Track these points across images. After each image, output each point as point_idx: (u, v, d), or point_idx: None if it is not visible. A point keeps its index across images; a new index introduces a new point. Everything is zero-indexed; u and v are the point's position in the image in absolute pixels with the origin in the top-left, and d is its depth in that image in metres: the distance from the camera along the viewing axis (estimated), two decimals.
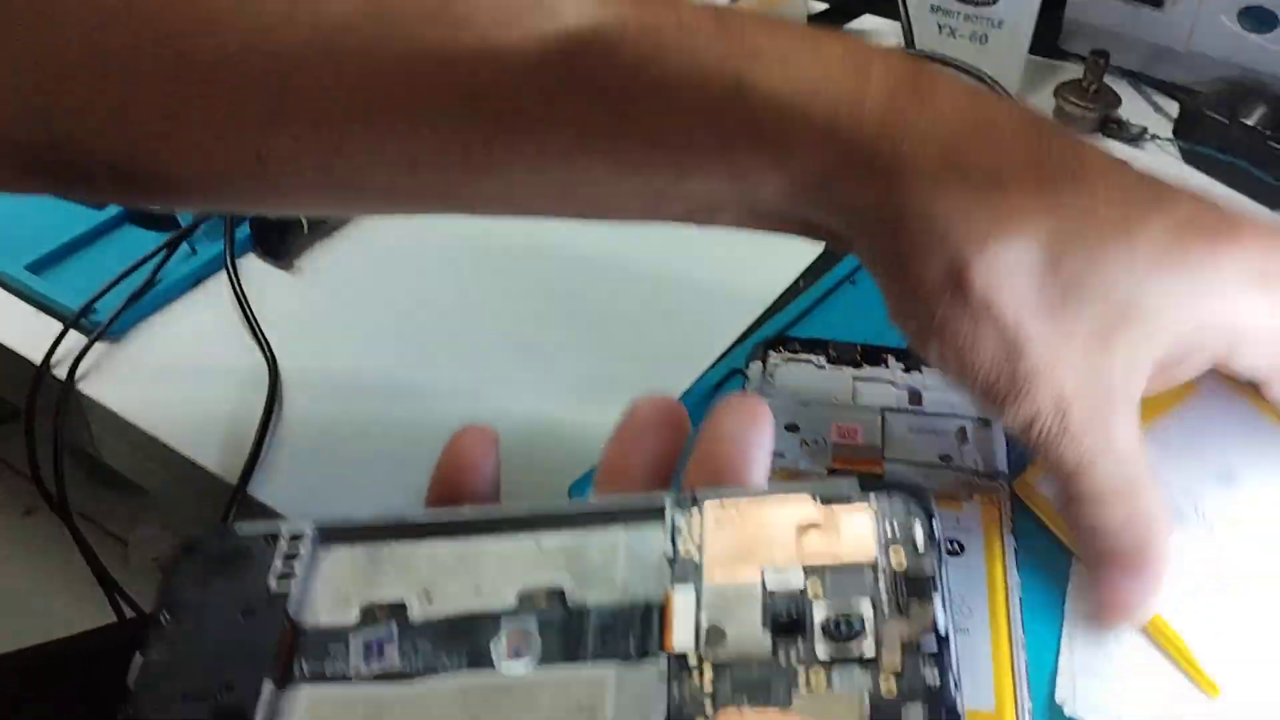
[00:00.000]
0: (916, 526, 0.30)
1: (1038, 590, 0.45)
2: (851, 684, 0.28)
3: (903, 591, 0.29)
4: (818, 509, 0.30)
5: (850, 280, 0.59)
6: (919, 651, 0.28)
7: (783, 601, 0.29)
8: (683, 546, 0.31)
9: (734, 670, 0.28)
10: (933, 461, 0.48)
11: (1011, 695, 0.40)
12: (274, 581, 0.33)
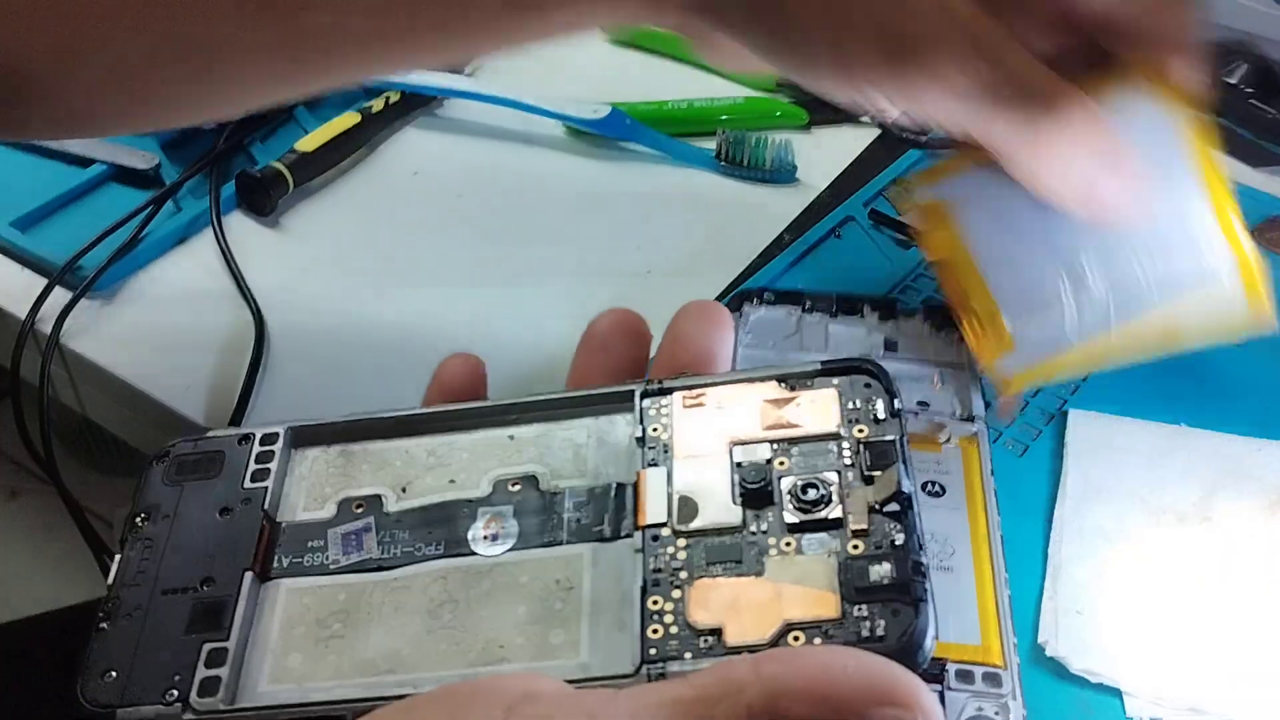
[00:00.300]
0: (877, 400, 0.31)
1: (1019, 532, 0.45)
2: (820, 547, 0.28)
3: (866, 460, 0.30)
4: (782, 390, 0.31)
5: (835, 234, 0.60)
6: (884, 513, 0.28)
7: (750, 472, 0.30)
8: (651, 429, 0.32)
9: (706, 541, 0.29)
10: (910, 407, 0.48)
11: (997, 631, 0.40)
12: (249, 481, 0.33)
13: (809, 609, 0.27)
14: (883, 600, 0.27)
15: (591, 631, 0.29)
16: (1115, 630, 0.42)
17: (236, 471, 0.34)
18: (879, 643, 0.26)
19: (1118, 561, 0.44)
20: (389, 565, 0.32)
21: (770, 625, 0.27)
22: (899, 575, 0.27)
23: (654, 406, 0.32)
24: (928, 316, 0.52)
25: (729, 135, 0.66)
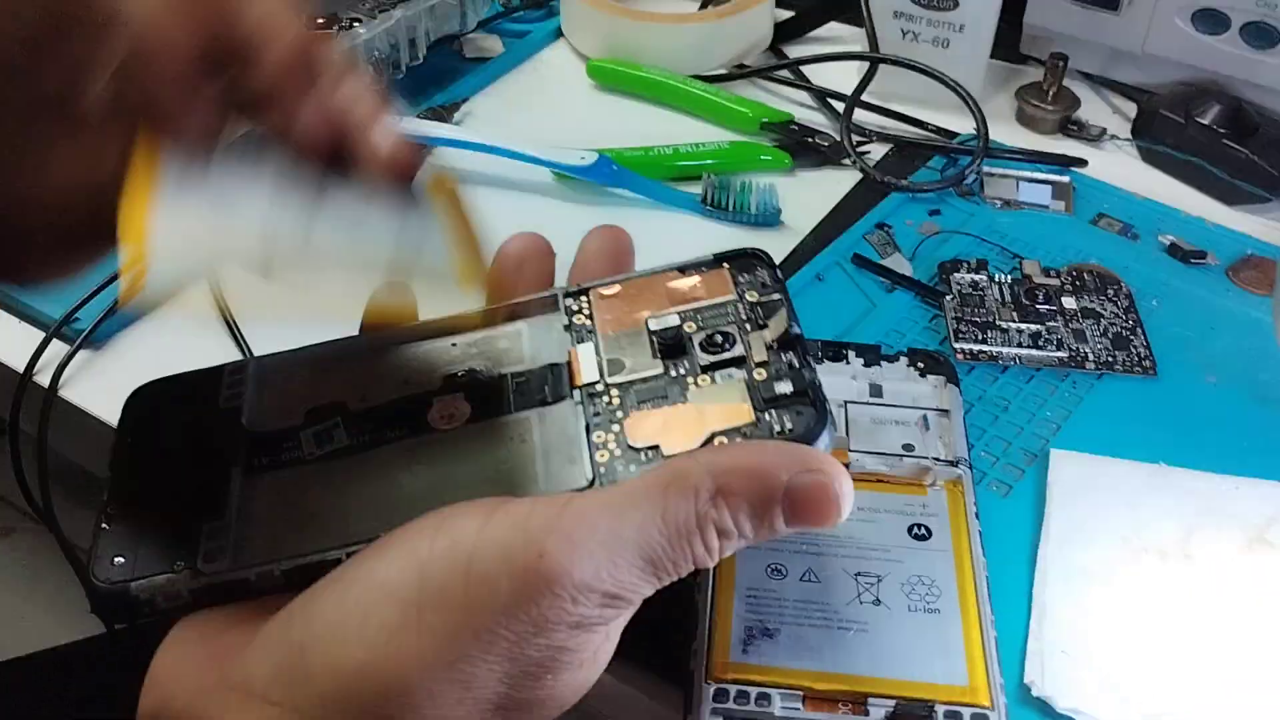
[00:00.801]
0: (763, 272, 0.38)
1: (1004, 573, 0.46)
2: (731, 379, 0.35)
3: (759, 315, 0.36)
4: (683, 277, 0.38)
5: (818, 278, 0.61)
6: (779, 349, 0.35)
7: (665, 333, 0.36)
8: (576, 319, 0.38)
9: (635, 387, 0.35)
10: (896, 450, 0.49)
11: (984, 671, 0.41)
12: (224, 404, 0.38)
13: (728, 420, 0.33)
14: (787, 405, 0.33)
15: (546, 470, 0.34)
16: (1100, 668, 0.43)
17: (212, 397, 0.38)
18: (789, 435, 0.33)
19: (1102, 600, 0.45)
20: (359, 450, 0.36)
21: (698, 436, 0.33)
22: (798, 385, 0.34)
23: (575, 304, 0.38)
24: (912, 361, 0.53)
25: (714, 180, 0.68)
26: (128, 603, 0.33)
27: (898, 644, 0.42)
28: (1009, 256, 0.62)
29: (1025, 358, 0.56)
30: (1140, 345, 0.56)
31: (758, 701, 0.40)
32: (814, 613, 0.43)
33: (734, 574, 0.44)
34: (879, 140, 0.73)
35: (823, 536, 0.45)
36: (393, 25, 0.71)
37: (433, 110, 0.74)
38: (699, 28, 0.79)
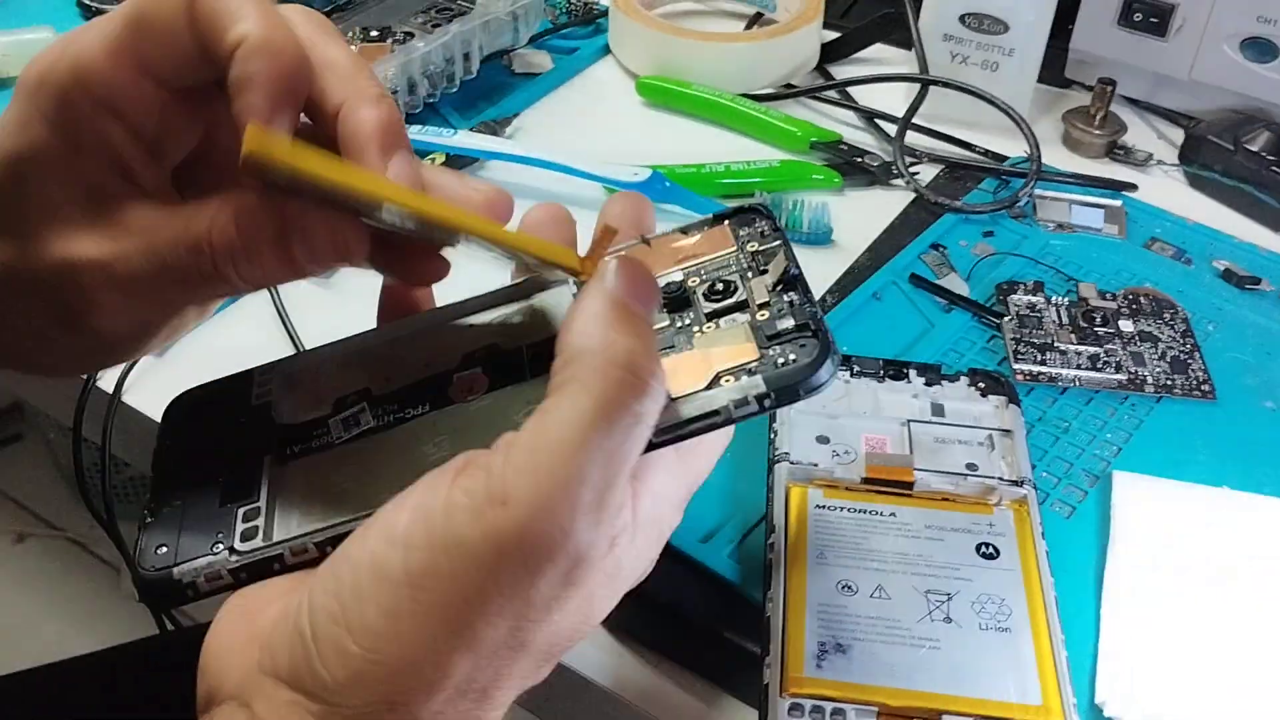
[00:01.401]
0: (762, 224, 0.38)
1: (1070, 593, 0.46)
2: (734, 323, 0.35)
3: (760, 261, 0.37)
4: (685, 237, 0.39)
5: (875, 297, 0.61)
6: (781, 290, 0.35)
7: (669, 288, 0.37)
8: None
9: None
10: (960, 470, 0.49)
11: (1056, 691, 0.41)
12: (255, 400, 0.39)
13: (733, 359, 0.34)
14: (791, 339, 0.34)
15: None
16: (1172, 690, 0.43)
17: (244, 397, 0.39)
18: (793, 365, 0.33)
19: (1170, 622, 0.45)
20: (385, 430, 0.37)
21: (704, 377, 0.34)
22: (799, 320, 0.34)
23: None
24: (973, 381, 0.53)
25: (767, 198, 0.68)
26: (172, 587, 0.34)
27: (970, 662, 0.42)
28: (1064, 279, 0.62)
29: (1084, 379, 0.56)
30: (1198, 369, 0.56)
31: (832, 716, 0.41)
32: (885, 629, 0.43)
33: (805, 590, 0.44)
34: (929, 161, 0.73)
35: (892, 554, 0.46)
36: (449, 39, 0.72)
37: (485, 124, 0.74)
38: (748, 47, 0.79)
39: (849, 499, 0.48)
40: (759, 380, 0.33)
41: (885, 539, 0.46)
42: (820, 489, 0.48)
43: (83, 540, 1.72)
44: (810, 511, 0.47)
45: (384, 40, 0.76)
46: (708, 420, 0.33)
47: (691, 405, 0.33)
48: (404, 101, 0.72)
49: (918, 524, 0.47)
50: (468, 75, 0.76)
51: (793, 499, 0.48)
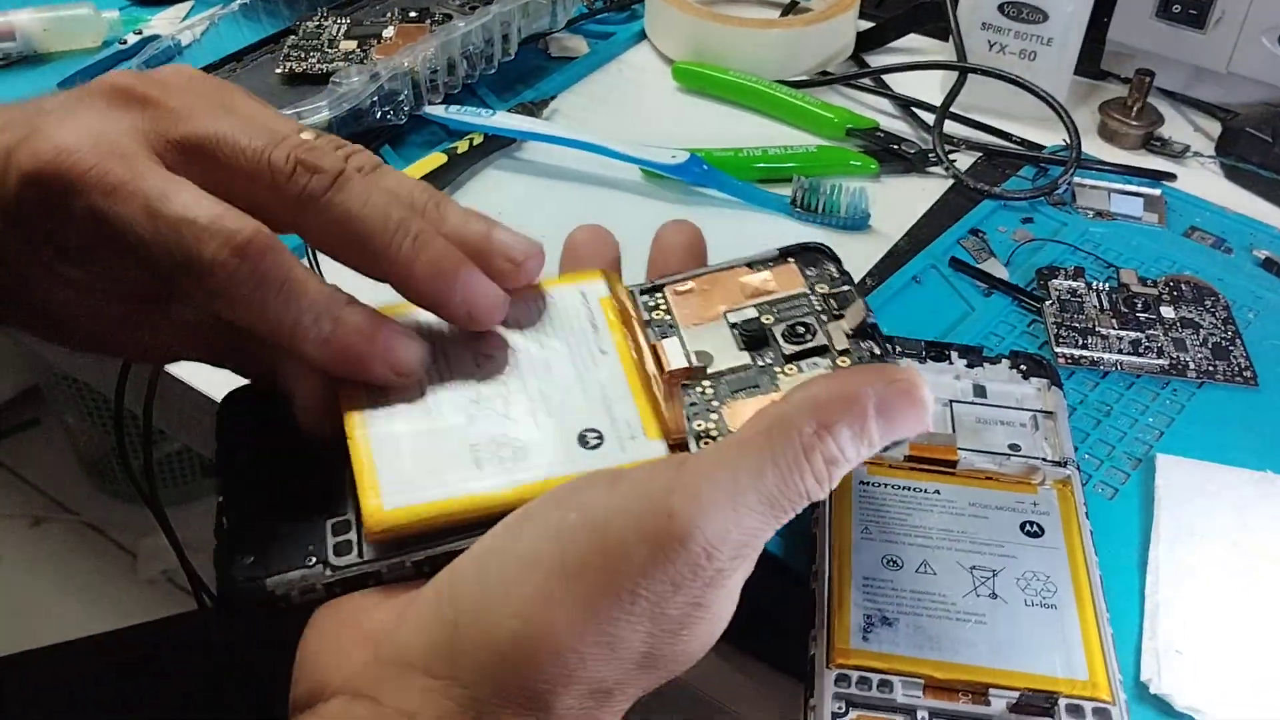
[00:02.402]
0: (829, 265, 0.39)
1: (1114, 573, 0.46)
2: (816, 366, 0.36)
3: (833, 305, 0.37)
4: (753, 272, 0.39)
5: (916, 280, 0.61)
6: (859, 337, 0.36)
7: (746, 325, 0.37)
8: (655, 314, 0.38)
9: (726, 378, 0.36)
10: (1003, 450, 0.49)
11: (1103, 666, 0.41)
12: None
13: None
14: None
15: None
16: (1217, 670, 0.43)
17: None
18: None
19: (1214, 602, 0.45)
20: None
21: None
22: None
23: (651, 300, 0.39)
24: (1014, 364, 0.53)
25: (805, 182, 0.68)
26: (265, 598, 0.34)
27: (1016, 637, 0.42)
28: (1104, 265, 0.62)
29: (1126, 364, 0.56)
30: (1240, 356, 0.56)
31: (879, 688, 0.41)
32: (931, 603, 0.43)
33: (850, 564, 0.44)
34: (966, 149, 0.73)
35: (936, 530, 0.46)
36: (489, 20, 0.72)
37: (523, 106, 0.75)
38: (785, 34, 0.80)
39: (893, 476, 0.48)
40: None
41: (930, 515, 0.46)
42: (864, 466, 0.48)
43: (98, 525, 1.73)
44: (854, 487, 0.47)
45: (422, 21, 0.76)
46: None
47: None
48: (443, 82, 0.72)
49: (961, 501, 0.47)
50: (506, 57, 0.76)
51: None
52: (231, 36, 0.76)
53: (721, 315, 0.38)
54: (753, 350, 0.37)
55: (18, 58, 0.79)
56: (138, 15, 0.83)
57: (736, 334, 0.37)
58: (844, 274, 0.38)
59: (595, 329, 0.37)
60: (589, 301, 0.38)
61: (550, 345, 0.37)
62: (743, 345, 0.37)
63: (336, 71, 0.67)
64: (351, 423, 0.36)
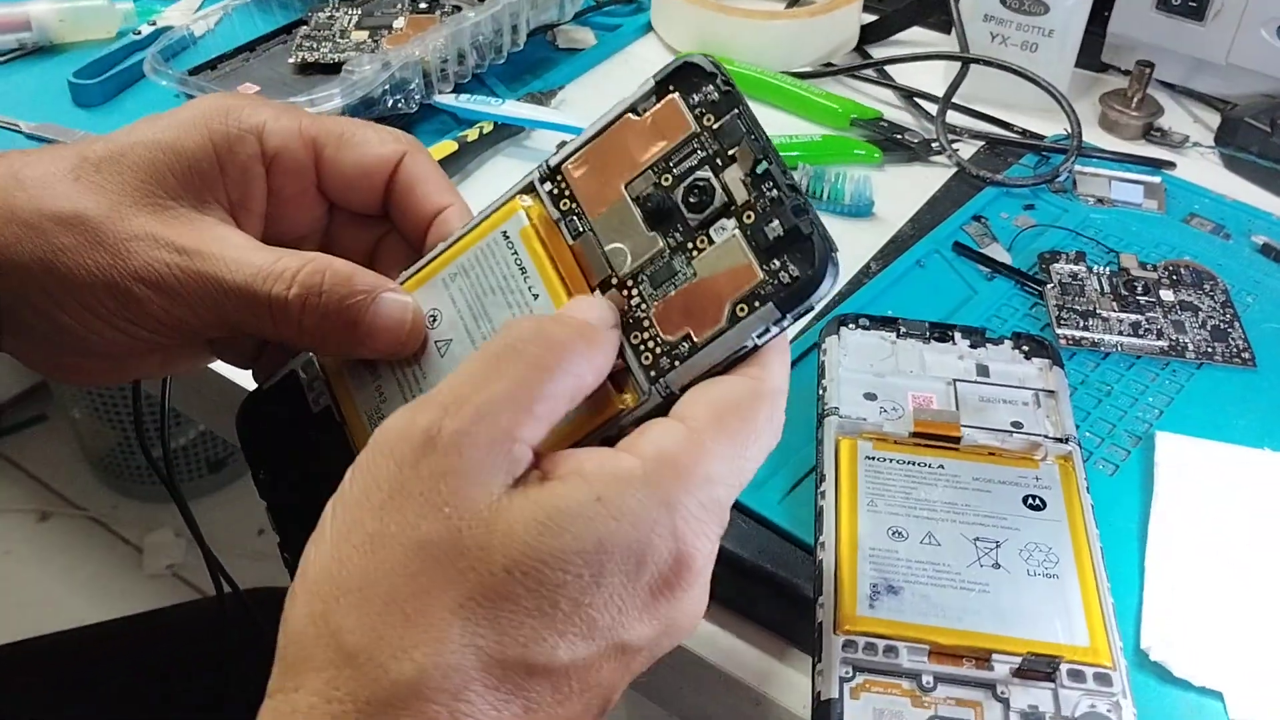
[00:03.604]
0: (708, 85, 0.36)
1: (1115, 545, 0.47)
2: (724, 231, 0.35)
3: (723, 143, 0.35)
4: (638, 118, 0.36)
5: (919, 264, 0.62)
6: (755, 179, 0.35)
7: (647, 201, 0.36)
8: (563, 206, 0.37)
9: (644, 274, 0.36)
10: (1005, 427, 0.50)
11: (1104, 633, 0.42)
12: (314, 406, 0.40)
13: (740, 285, 0.34)
14: (786, 250, 0.34)
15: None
16: (1214, 638, 0.44)
17: (301, 404, 0.40)
18: (799, 279, 0.33)
19: (1213, 575, 0.46)
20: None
21: (722, 314, 0.34)
22: (787, 224, 0.34)
23: (554, 189, 0.38)
24: (1016, 345, 0.54)
25: (810, 170, 0.69)
26: None
27: (1019, 605, 0.43)
28: (1104, 250, 0.63)
29: (1126, 345, 0.57)
30: (1238, 338, 0.57)
31: (885, 653, 0.42)
32: (936, 573, 0.44)
33: (856, 535, 0.45)
34: (968, 139, 0.75)
35: (941, 503, 0.47)
36: (498, 10, 0.73)
37: (531, 96, 0.76)
38: (790, 25, 0.81)
39: (898, 451, 0.49)
40: (772, 307, 0.33)
41: (934, 489, 0.47)
42: (870, 441, 0.49)
43: (104, 519, 1.74)
44: (860, 462, 0.48)
45: (432, 12, 0.77)
46: (738, 355, 0.34)
47: (720, 346, 0.34)
48: (453, 71, 0.73)
49: (965, 476, 0.48)
50: (514, 48, 0.77)
51: (843, 450, 0.49)
52: (245, 26, 0.77)
53: (621, 191, 0.36)
54: (659, 227, 0.36)
55: (33, 48, 0.80)
56: (151, 6, 0.84)
57: (639, 210, 0.36)
58: (725, 89, 0.35)
59: (524, 272, 0.37)
60: (513, 241, 0.38)
61: (493, 311, 0.38)
62: (648, 223, 0.36)
63: (348, 61, 0.68)
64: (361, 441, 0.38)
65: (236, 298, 0.38)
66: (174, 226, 0.39)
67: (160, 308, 0.39)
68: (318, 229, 0.44)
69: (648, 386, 0.35)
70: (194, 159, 0.40)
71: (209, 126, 0.40)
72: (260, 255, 0.39)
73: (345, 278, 0.38)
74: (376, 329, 0.38)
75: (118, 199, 0.39)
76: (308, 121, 0.42)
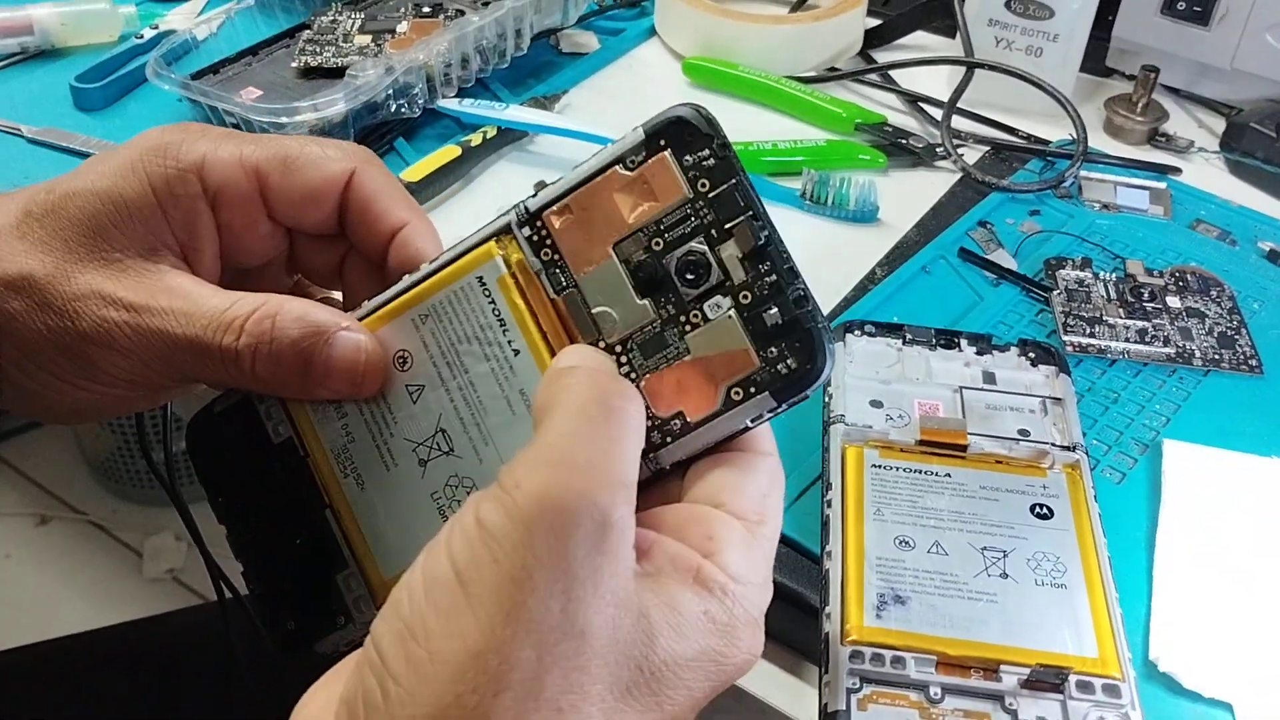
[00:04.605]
0: (702, 147, 0.34)
1: (1123, 555, 0.47)
2: (719, 309, 0.34)
3: (720, 215, 0.34)
4: (628, 173, 0.34)
5: (925, 270, 0.62)
6: (753, 259, 0.33)
7: (639, 267, 0.34)
8: (544, 256, 0.35)
9: (634, 342, 0.34)
10: (1012, 435, 0.50)
11: (1112, 644, 0.42)
12: (275, 437, 0.39)
13: (735, 369, 0.33)
14: (785, 338, 0.33)
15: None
16: (1223, 649, 0.44)
17: (260, 432, 0.39)
18: (795, 370, 0.33)
19: (1221, 585, 0.46)
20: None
21: (716, 397, 0.33)
22: (787, 314, 0.33)
23: (534, 235, 0.35)
24: (1023, 351, 0.54)
25: (814, 175, 0.69)
26: (317, 658, 0.36)
27: (1027, 615, 0.43)
28: (1110, 257, 0.63)
29: (1133, 352, 0.57)
30: (1245, 345, 0.57)
31: (893, 664, 0.41)
32: (943, 583, 0.44)
33: (863, 544, 0.45)
34: (973, 144, 0.74)
35: (948, 512, 0.46)
36: (502, 14, 0.73)
37: (535, 100, 0.75)
38: (794, 29, 0.80)
39: (904, 459, 0.49)
40: (768, 396, 0.33)
41: (941, 498, 0.47)
42: (876, 449, 0.49)
43: (104, 523, 1.74)
44: (867, 470, 0.48)
45: (435, 16, 0.77)
46: (730, 438, 0.34)
47: (713, 430, 0.33)
48: (457, 75, 0.73)
49: (972, 484, 0.48)
50: (518, 52, 0.77)
51: (849, 458, 0.49)
52: (247, 30, 0.77)
53: (610, 252, 0.34)
54: (651, 295, 0.34)
55: (35, 51, 0.80)
56: (154, 10, 0.84)
57: (629, 276, 0.34)
58: (722, 153, 0.33)
59: (503, 323, 0.36)
60: (490, 288, 0.36)
61: (469, 362, 0.36)
62: (639, 291, 0.34)
63: (352, 65, 0.68)
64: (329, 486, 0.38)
65: (188, 351, 0.37)
66: (122, 282, 0.38)
67: (116, 365, 0.38)
68: (280, 252, 0.42)
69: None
70: (134, 207, 0.38)
71: (147, 170, 0.38)
72: (212, 302, 0.37)
73: (296, 318, 0.37)
74: (331, 370, 0.37)
75: (63, 256, 0.38)
76: (249, 149, 0.40)
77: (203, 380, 0.39)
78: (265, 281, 0.43)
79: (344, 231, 0.42)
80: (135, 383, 0.39)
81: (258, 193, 0.40)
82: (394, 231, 0.40)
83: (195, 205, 0.39)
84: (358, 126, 0.69)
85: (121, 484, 1.75)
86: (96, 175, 0.39)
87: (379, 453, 0.37)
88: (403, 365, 0.37)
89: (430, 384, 0.37)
